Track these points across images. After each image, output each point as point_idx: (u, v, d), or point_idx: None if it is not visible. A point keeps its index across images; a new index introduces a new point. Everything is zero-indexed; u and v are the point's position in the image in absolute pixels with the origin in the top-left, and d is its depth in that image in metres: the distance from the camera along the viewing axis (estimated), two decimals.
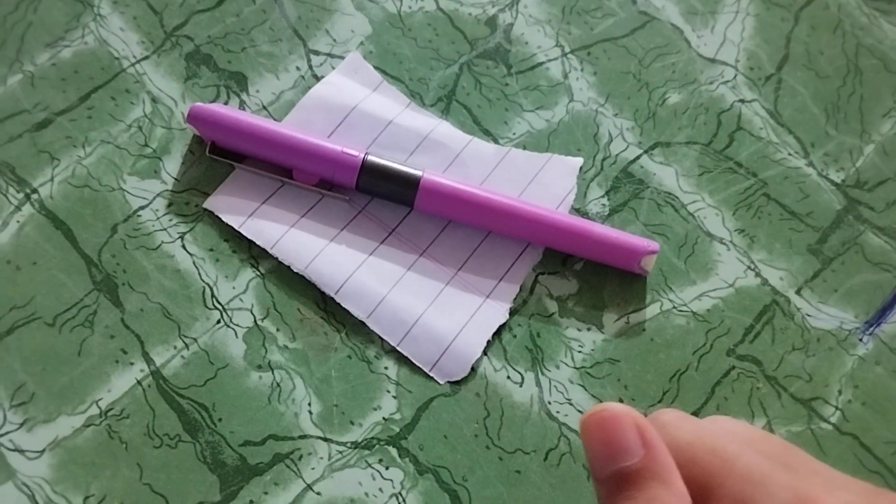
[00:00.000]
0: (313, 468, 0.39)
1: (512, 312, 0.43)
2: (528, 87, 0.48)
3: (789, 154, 0.48)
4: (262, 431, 0.40)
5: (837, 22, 0.52)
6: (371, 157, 0.43)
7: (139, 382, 0.40)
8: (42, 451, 0.38)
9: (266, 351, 0.41)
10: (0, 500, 0.37)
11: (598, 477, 0.27)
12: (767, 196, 0.47)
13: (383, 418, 0.41)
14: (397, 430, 0.40)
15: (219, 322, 0.41)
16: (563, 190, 0.46)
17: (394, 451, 0.40)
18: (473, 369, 0.42)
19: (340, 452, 0.40)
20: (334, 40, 0.48)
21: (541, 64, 0.49)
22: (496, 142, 0.47)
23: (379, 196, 0.44)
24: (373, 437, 0.40)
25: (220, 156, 0.44)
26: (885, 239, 0.47)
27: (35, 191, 0.42)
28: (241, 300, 0.42)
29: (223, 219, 0.43)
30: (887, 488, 0.41)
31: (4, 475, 0.38)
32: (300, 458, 0.39)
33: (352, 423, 0.40)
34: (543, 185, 0.46)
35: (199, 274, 0.42)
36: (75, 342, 0.40)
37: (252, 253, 0.43)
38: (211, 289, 0.42)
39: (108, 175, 0.43)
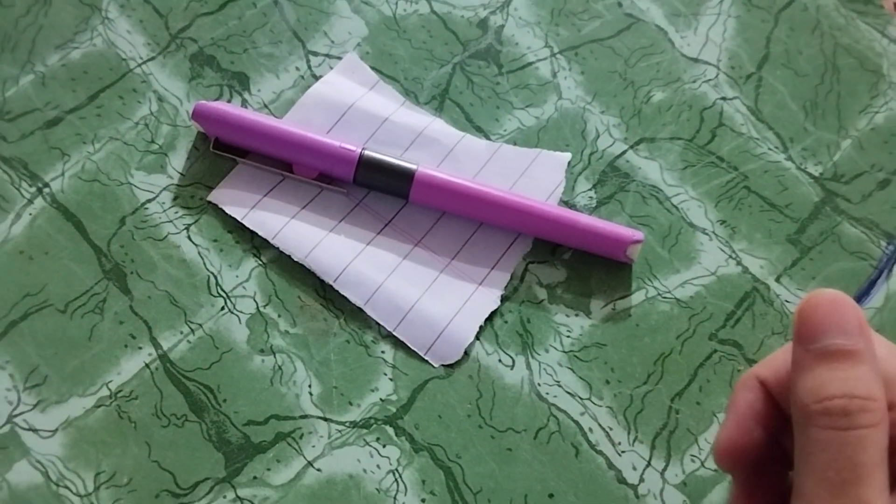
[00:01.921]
0: (314, 446, 0.41)
1: (503, 299, 0.45)
2: (519, 85, 0.50)
3: (769, 149, 0.50)
4: (265, 411, 0.41)
5: (816, 23, 0.54)
6: (368, 152, 0.45)
7: (147, 365, 0.42)
8: (55, 431, 0.40)
9: (268, 336, 0.43)
10: (15, 477, 0.39)
11: (808, 344, 0.29)
12: (748, 189, 0.49)
13: (380, 399, 0.42)
14: (394, 410, 0.42)
15: (223, 309, 0.43)
16: (552, 183, 0.48)
17: (391, 430, 0.42)
18: (466, 353, 0.44)
19: (340, 431, 0.42)
20: (332, 42, 0.50)
21: (530, 64, 0.51)
22: (488, 138, 0.49)
23: (375, 189, 0.46)
24: (371, 417, 0.42)
25: (223, 151, 0.46)
26: (861, 229, 0.49)
27: (47, 185, 0.44)
28: (244, 288, 0.44)
29: (227, 211, 0.45)
30: None
31: (19, 453, 0.39)
32: (301, 436, 0.41)
33: (350, 403, 0.42)
34: (533, 179, 0.48)
35: (204, 263, 0.44)
36: (86, 328, 0.42)
37: (254, 243, 0.45)
38: (215, 277, 0.44)
39: (117, 170, 0.45)
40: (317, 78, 0.49)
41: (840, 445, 0.27)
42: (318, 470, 0.41)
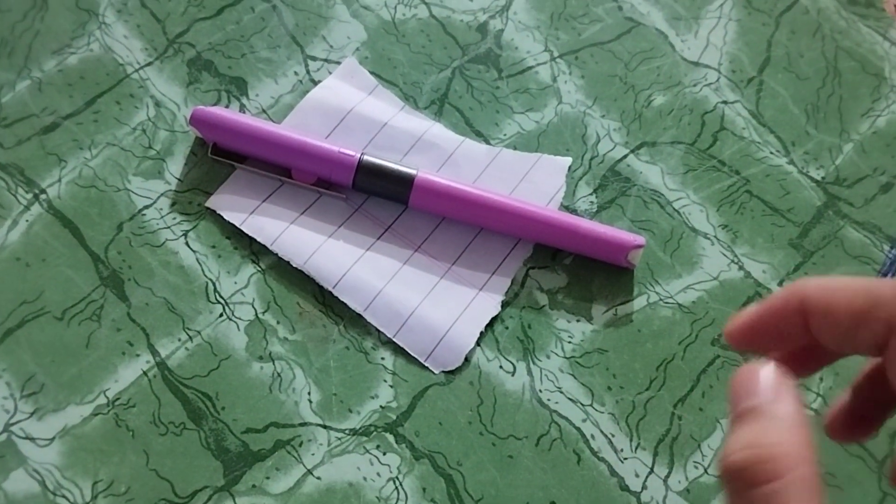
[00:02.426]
0: (313, 454, 0.41)
1: (504, 305, 0.45)
2: (518, 90, 0.50)
3: (771, 153, 0.50)
4: (264, 419, 0.41)
5: (817, 26, 0.54)
6: (367, 157, 0.45)
7: (145, 373, 0.41)
8: (52, 439, 0.40)
9: (267, 343, 0.42)
10: (12, 486, 0.39)
11: (730, 417, 0.29)
12: (750, 193, 0.49)
13: (380, 406, 0.42)
14: (394, 417, 0.42)
15: (221, 315, 0.43)
16: (553, 188, 0.48)
17: (391, 438, 0.42)
18: (467, 359, 0.43)
19: (339, 439, 0.41)
20: (331, 46, 0.49)
21: (530, 68, 0.51)
22: (487, 143, 0.48)
23: (375, 194, 0.46)
24: (370, 425, 0.42)
25: (221, 157, 0.45)
26: (864, 233, 0.48)
27: (43, 191, 0.44)
28: (242, 294, 0.43)
29: (225, 217, 0.44)
30: (869, 472, 0.43)
31: (16, 462, 0.39)
32: (301, 444, 0.41)
33: (350, 410, 0.42)
34: (534, 184, 0.47)
35: (202, 269, 0.44)
36: (83, 335, 0.42)
37: (253, 249, 0.44)
38: (213, 284, 0.43)
39: (114, 176, 0.45)
40: (315, 83, 0.48)
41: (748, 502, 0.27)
42: (318, 478, 0.40)
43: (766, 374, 0.29)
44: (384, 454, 0.41)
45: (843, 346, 0.29)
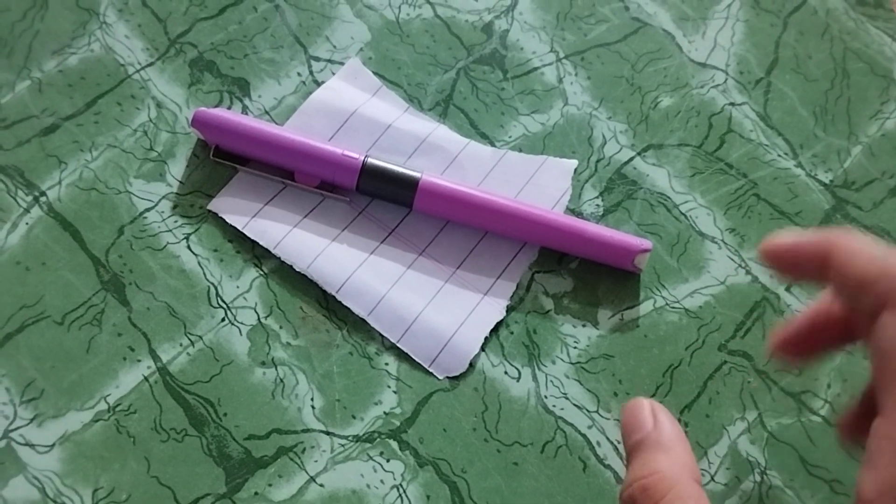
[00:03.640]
0: (316, 461, 0.40)
1: (509, 309, 0.44)
2: (524, 91, 0.49)
3: (779, 155, 0.49)
4: (267, 425, 0.41)
5: (825, 27, 0.53)
6: (371, 160, 0.45)
7: (146, 379, 0.41)
8: (52, 446, 0.39)
9: (269, 348, 0.42)
10: (12, 493, 0.38)
11: (626, 449, 0.33)
12: (757, 196, 0.48)
13: (384, 412, 0.42)
14: (398, 423, 0.41)
15: (223, 320, 0.42)
16: (559, 191, 0.47)
17: (394, 444, 0.41)
18: (472, 365, 0.43)
19: (343, 446, 0.41)
20: (334, 47, 0.49)
21: (536, 69, 0.50)
22: (493, 144, 0.48)
23: (379, 197, 0.45)
24: (374, 431, 0.41)
25: (223, 159, 0.45)
26: (873, 237, 0.48)
27: (43, 194, 0.44)
28: (244, 299, 0.43)
29: (227, 220, 0.44)
30: None
31: (16, 469, 0.39)
32: (303, 451, 0.40)
33: (353, 417, 0.41)
34: (539, 187, 0.47)
35: (204, 273, 0.43)
36: (84, 340, 0.41)
37: (255, 253, 0.44)
38: (215, 288, 0.43)
39: (115, 178, 0.44)
40: (319, 84, 0.48)
41: None
42: (321, 485, 0.40)
43: (644, 407, 0.33)
44: (388, 461, 0.41)
45: (852, 306, 0.32)
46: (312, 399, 0.41)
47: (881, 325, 0.30)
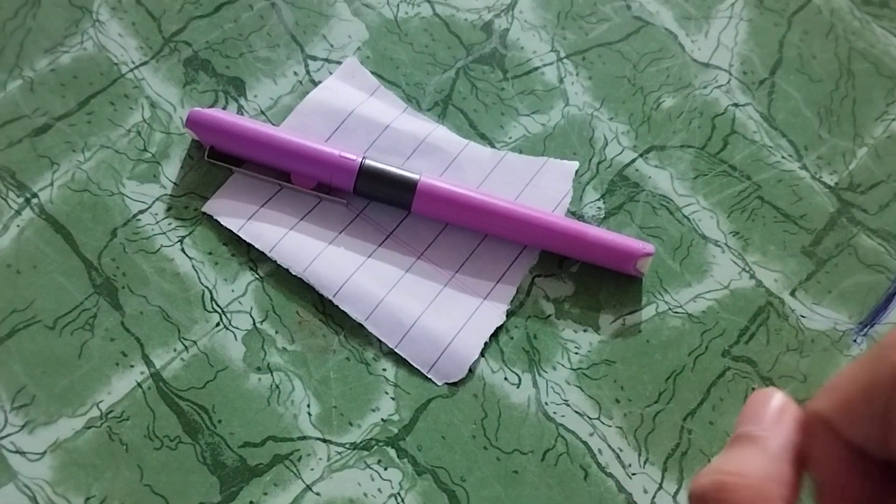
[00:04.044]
0: (312, 469, 0.40)
1: (509, 314, 0.43)
2: (524, 91, 0.49)
3: (783, 157, 0.49)
4: (262, 433, 0.40)
5: (830, 27, 0.52)
6: (368, 161, 0.44)
7: (139, 385, 0.40)
8: (43, 453, 0.38)
9: (265, 353, 0.41)
10: (2, 502, 0.37)
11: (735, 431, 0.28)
12: (761, 199, 0.48)
13: (382, 419, 0.41)
14: (396, 431, 0.41)
15: (218, 325, 0.42)
16: (559, 193, 0.46)
17: (392, 452, 0.40)
18: (471, 371, 0.42)
19: (339, 453, 0.40)
20: (332, 46, 0.48)
21: (536, 69, 0.49)
22: (492, 146, 0.47)
23: (376, 199, 0.44)
24: (371, 438, 0.40)
25: (218, 160, 0.44)
26: (878, 241, 0.47)
27: (35, 195, 0.43)
28: (240, 303, 0.42)
29: (222, 222, 0.43)
30: None
31: (6, 477, 0.38)
32: (299, 458, 0.40)
33: (350, 424, 0.41)
34: (539, 189, 0.46)
35: (199, 277, 0.42)
36: (76, 345, 0.40)
37: (251, 256, 0.43)
38: (210, 292, 0.42)
39: (108, 179, 0.44)
40: (315, 83, 0.47)
41: None
42: (317, 494, 0.39)
43: (773, 402, 0.28)
44: (385, 469, 0.40)
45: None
46: (309, 406, 0.41)
47: None
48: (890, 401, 0.23)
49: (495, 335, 0.43)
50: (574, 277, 0.45)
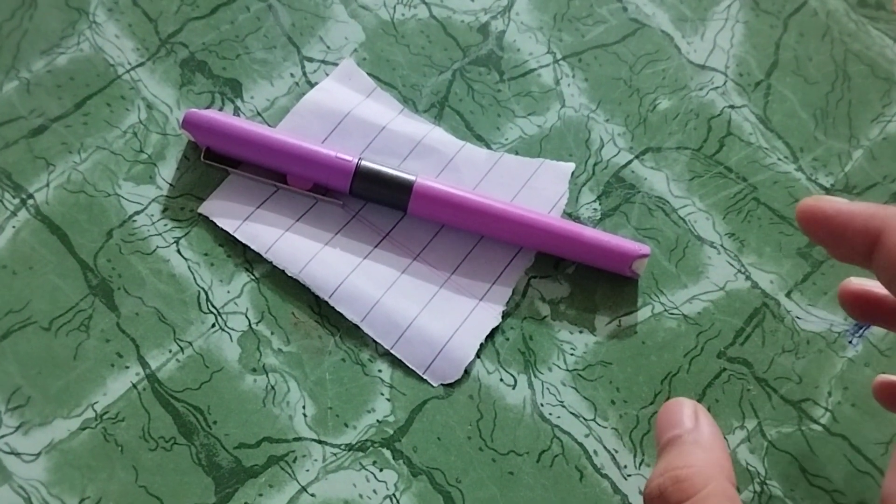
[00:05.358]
0: (308, 470, 0.40)
1: (504, 315, 0.43)
2: (521, 93, 0.49)
3: (779, 159, 0.49)
4: (257, 434, 0.40)
5: (826, 29, 0.53)
6: (365, 163, 0.44)
7: (134, 386, 0.40)
8: (38, 454, 0.38)
9: (261, 354, 0.41)
10: None
11: (657, 448, 0.32)
12: (757, 200, 0.48)
13: (377, 421, 0.41)
14: (391, 432, 0.41)
15: (213, 326, 0.42)
16: (555, 195, 0.46)
17: (388, 453, 0.40)
18: (466, 372, 0.42)
19: (335, 454, 0.40)
20: (328, 47, 0.48)
21: (533, 70, 0.49)
22: (489, 147, 0.47)
23: (372, 201, 0.44)
24: (367, 440, 0.40)
25: (214, 161, 0.44)
26: None
27: (31, 196, 0.43)
28: (235, 304, 0.42)
29: (218, 224, 0.43)
30: (878, 490, 0.42)
31: (1, 478, 0.38)
32: (295, 460, 0.40)
33: (346, 425, 0.41)
34: (535, 190, 0.46)
35: (194, 278, 0.42)
36: (71, 346, 0.40)
37: (246, 257, 0.43)
38: (206, 293, 0.42)
39: (104, 180, 0.44)
40: (312, 85, 0.47)
41: None
42: (313, 495, 0.39)
43: (686, 406, 0.32)
44: (381, 470, 0.40)
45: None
46: (304, 407, 0.41)
47: None
48: None
49: (491, 336, 0.43)
50: (570, 279, 0.45)
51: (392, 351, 0.42)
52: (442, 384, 0.42)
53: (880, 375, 0.38)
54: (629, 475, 0.41)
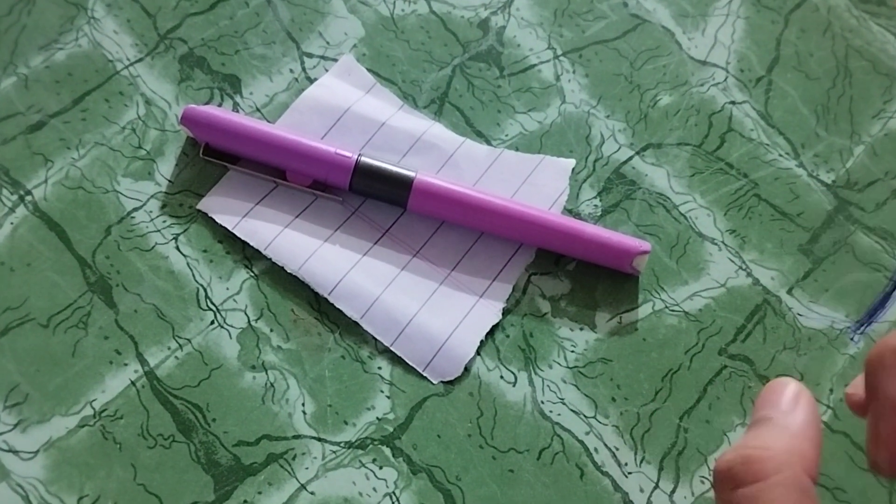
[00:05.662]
0: (307, 468, 0.39)
1: (505, 312, 0.43)
2: (521, 89, 0.48)
3: (780, 155, 0.48)
4: (256, 431, 0.40)
5: (827, 24, 0.52)
6: (364, 159, 0.44)
7: (133, 383, 0.40)
8: (36, 452, 0.38)
9: (260, 351, 0.41)
10: None
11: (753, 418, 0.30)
12: (758, 197, 0.47)
13: (377, 418, 0.41)
14: (391, 429, 0.41)
15: (213, 323, 0.41)
16: (556, 191, 0.46)
17: (387, 451, 0.40)
18: (467, 369, 0.42)
19: (334, 452, 0.40)
20: (327, 43, 0.48)
21: (533, 66, 0.49)
22: (489, 143, 0.47)
23: (372, 197, 0.44)
24: (366, 437, 0.40)
25: (213, 157, 0.44)
26: (875, 239, 0.47)
27: (29, 192, 0.43)
28: (234, 301, 0.42)
29: (217, 220, 0.43)
30: (879, 487, 0.42)
31: None
32: (294, 457, 0.39)
33: (345, 422, 0.40)
34: (536, 187, 0.46)
35: (193, 275, 0.42)
36: (69, 343, 0.40)
37: (246, 254, 0.43)
38: (205, 290, 0.42)
39: (102, 177, 0.43)
40: (311, 80, 0.47)
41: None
42: (312, 493, 0.39)
43: (788, 388, 0.29)
44: (381, 468, 0.40)
45: None
46: (303, 404, 0.40)
47: None
48: None
49: (491, 333, 0.43)
50: (570, 275, 0.45)
51: (392, 348, 0.42)
52: (442, 381, 0.42)
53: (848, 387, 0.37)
54: (630, 473, 0.41)
